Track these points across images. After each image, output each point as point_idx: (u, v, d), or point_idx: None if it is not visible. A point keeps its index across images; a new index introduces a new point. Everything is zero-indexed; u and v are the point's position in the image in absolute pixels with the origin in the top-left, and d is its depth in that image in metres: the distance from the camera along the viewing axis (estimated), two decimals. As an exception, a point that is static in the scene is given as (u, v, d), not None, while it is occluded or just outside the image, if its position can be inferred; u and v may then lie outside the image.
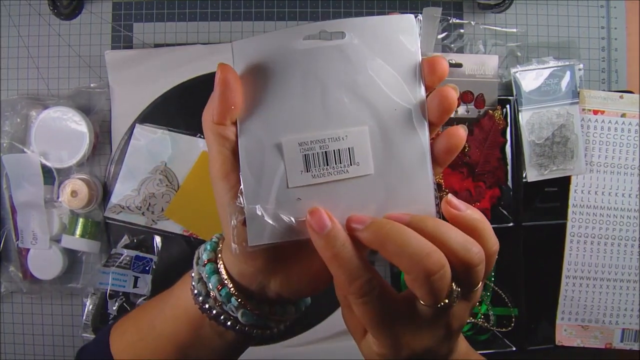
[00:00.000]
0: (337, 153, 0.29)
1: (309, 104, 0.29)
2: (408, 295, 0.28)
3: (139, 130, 0.64)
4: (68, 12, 0.66)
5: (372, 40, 0.30)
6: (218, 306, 0.33)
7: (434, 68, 0.30)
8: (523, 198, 0.63)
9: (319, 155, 0.29)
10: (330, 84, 0.30)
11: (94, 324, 0.61)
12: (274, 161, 0.29)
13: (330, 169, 0.29)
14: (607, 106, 0.64)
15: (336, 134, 0.29)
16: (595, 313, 0.64)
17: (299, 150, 0.29)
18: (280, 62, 0.29)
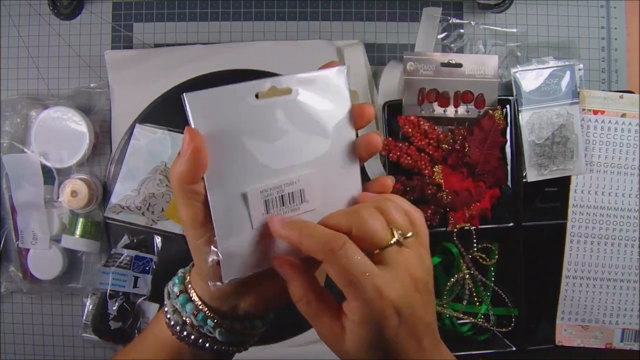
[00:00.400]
0: (291, 195, 0.34)
1: (265, 155, 0.33)
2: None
3: (139, 130, 0.64)
4: (68, 12, 0.66)
5: (314, 93, 0.34)
6: (195, 331, 0.37)
7: (362, 114, 0.36)
8: (523, 198, 0.63)
9: (276, 199, 0.34)
10: (282, 134, 0.33)
11: (94, 324, 0.61)
12: (240, 209, 0.33)
13: (285, 209, 0.35)
14: (607, 106, 0.64)
15: (290, 179, 0.34)
16: (595, 313, 0.64)
17: (261, 197, 0.33)
18: (235, 117, 0.32)
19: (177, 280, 0.39)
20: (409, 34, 0.68)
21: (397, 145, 0.61)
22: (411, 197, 0.60)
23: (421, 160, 0.61)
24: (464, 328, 0.65)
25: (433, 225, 0.61)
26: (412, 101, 0.63)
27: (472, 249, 0.63)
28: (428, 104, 0.63)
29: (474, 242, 0.63)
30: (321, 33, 0.68)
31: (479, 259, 0.63)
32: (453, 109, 0.63)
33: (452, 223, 0.62)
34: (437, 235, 0.63)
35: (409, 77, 0.62)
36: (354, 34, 0.68)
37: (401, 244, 0.33)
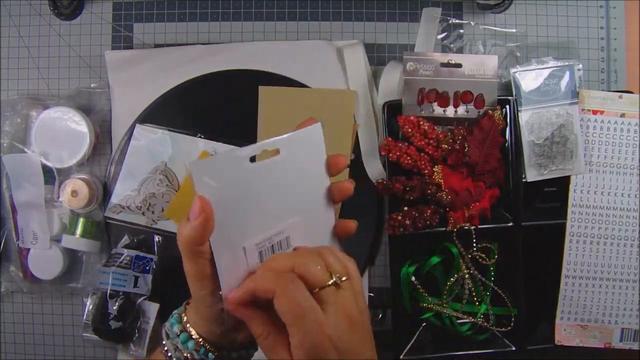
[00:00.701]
0: (279, 243, 0.39)
1: (259, 211, 0.38)
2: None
3: (139, 131, 0.64)
4: (68, 12, 0.66)
5: (297, 150, 0.39)
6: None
7: (337, 164, 0.41)
8: (523, 198, 0.64)
9: (268, 248, 0.39)
10: (273, 191, 0.38)
11: (94, 324, 0.61)
12: (240, 262, 0.38)
13: (274, 254, 0.39)
14: (607, 106, 0.64)
15: (278, 230, 0.39)
16: (594, 313, 0.65)
17: (256, 249, 0.38)
18: (234, 181, 0.36)
19: (175, 321, 0.42)
20: (408, 34, 0.68)
21: (397, 145, 0.61)
22: (411, 197, 0.60)
23: (421, 160, 0.61)
24: (464, 328, 0.65)
25: (433, 225, 0.61)
26: (412, 101, 0.63)
27: (472, 249, 0.63)
28: (428, 104, 0.63)
29: (473, 242, 0.63)
30: (321, 33, 0.68)
31: (478, 259, 0.63)
32: (453, 109, 0.63)
33: (451, 223, 0.62)
34: (437, 235, 0.63)
35: (409, 77, 0.63)
36: (354, 34, 0.68)
37: (338, 285, 0.36)
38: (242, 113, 0.65)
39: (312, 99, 0.65)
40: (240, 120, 0.65)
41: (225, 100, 0.65)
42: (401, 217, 0.60)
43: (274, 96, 0.65)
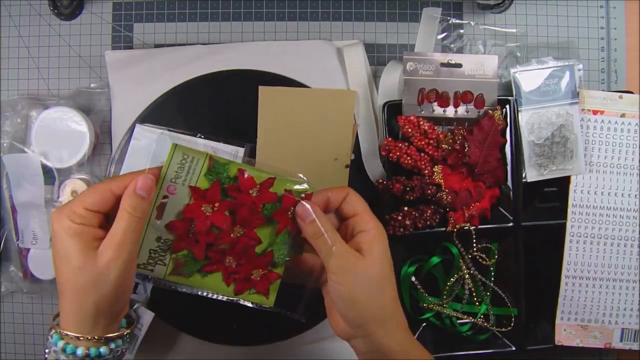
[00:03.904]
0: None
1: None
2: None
3: (139, 130, 0.64)
4: (68, 12, 0.66)
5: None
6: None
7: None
8: (523, 198, 0.64)
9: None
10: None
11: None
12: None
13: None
14: (607, 106, 0.64)
15: None
16: (594, 313, 0.65)
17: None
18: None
19: (57, 338, 0.45)
20: (409, 34, 0.68)
21: (397, 146, 0.61)
22: (411, 197, 0.60)
23: (421, 160, 0.61)
24: (464, 328, 0.65)
25: (433, 225, 0.61)
26: (412, 101, 0.63)
27: (472, 249, 0.63)
28: (428, 104, 0.63)
29: (473, 242, 0.63)
30: (321, 33, 0.68)
31: (478, 259, 0.63)
32: (453, 109, 0.63)
33: (451, 223, 0.62)
34: (437, 235, 0.63)
35: (409, 77, 0.63)
36: (354, 34, 0.68)
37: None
38: (242, 113, 0.65)
39: (312, 99, 0.65)
40: (240, 120, 0.65)
41: (225, 100, 0.65)
42: (401, 217, 0.60)
43: (274, 96, 0.65)
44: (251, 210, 0.48)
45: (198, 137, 0.64)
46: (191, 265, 0.48)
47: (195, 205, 0.47)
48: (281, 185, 0.48)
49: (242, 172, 0.48)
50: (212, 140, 0.64)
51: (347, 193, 0.48)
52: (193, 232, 0.47)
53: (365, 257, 0.45)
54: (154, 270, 0.48)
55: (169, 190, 0.47)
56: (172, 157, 0.47)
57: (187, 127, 0.65)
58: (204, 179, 0.48)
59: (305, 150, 0.64)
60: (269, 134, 0.65)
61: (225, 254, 0.48)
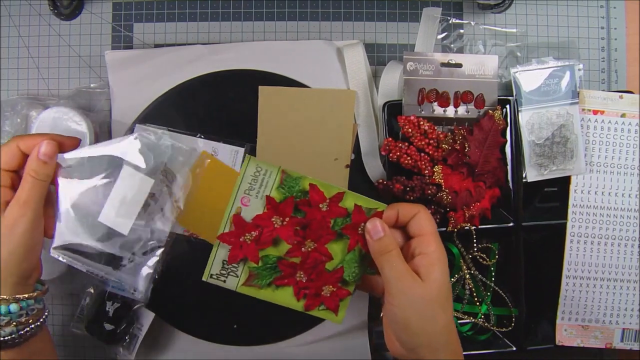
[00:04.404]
0: None
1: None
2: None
3: (139, 130, 0.64)
4: (68, 12, 0.66)
5: None
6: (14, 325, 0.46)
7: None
8: (523, 198, 0.63)
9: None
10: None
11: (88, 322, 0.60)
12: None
13: None
14: (607, 106, 0.64)
15: None
16: (595, 313, 0.65)
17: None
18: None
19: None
20: (409, 34, 0.68)
21: (397, 146, 0.61)
22: (411, 197, 0.60)
23: (421, 160, 0.61)
24: (464, 328, 0.65)
25: (433, 225, 0.61)
26: (412, 101, 0.63)
27: (472, 249, 0.63)
28: (428, 104, 0.63)
29: (474, 242, 0.63)
30: (321, 33, 0.68)
31: (479, 259, 0.63)
32: (453, 109, 0.63)
33: (452, 223, 0.62)
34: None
35: (409, 77, 0.62)
36: (354, 34, 0.68)
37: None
38: (242, 113, 0.65)
39: (312, 99, 0.65)
40: (240, 120, 0.65)
41: (225, 100, 0.65)
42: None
43: (274, 96, 0.65)
44: (321, 225, 0.47)
45: (198, 137, 0.64)
46: (263, 277, 0.48)
47: (266, 215, 0.47)
48: (351, 200, 0.48)
49: (312, 186, 0.48)
50: (212, 140, 0.64)
51: (418, 211, 0.47)
52: (251, 239, 0.47)
53: (423, 281, 0.44)
54: (226, 282, 0.48)
55: (242, 202, 0.48)
56: (247, 169, 0.48)
57: (187, 127, 0.65)
58: (276, 192, 0.48)
59: (305, 150, 0.64)
60: (269, 134, 0.65)
61: (297, 268, 0.48)
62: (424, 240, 0.46)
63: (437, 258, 0.45)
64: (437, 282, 0.44)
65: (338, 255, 0.48)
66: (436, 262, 0.45)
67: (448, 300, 0.46)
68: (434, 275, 0.44)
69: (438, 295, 0.44)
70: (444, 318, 0.45)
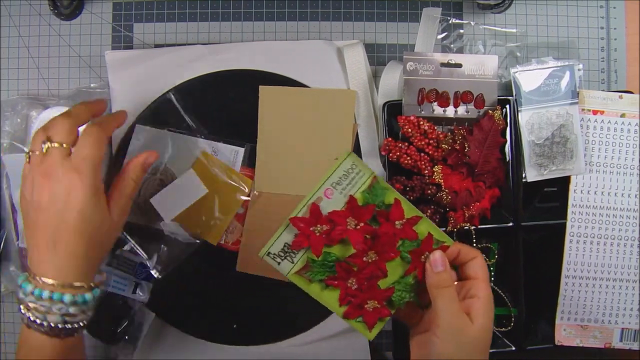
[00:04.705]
0: None
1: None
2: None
3: (139, 130, 0.64)
4: (68, 12, 0.66)
5: None
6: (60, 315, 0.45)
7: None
8: (523, 198, 0.64)
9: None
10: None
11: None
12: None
13: None
14: (607, 106, 0.64)
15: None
16: (594, 313, 0.65)
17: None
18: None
19: (25, 281, 0.46)
20: (409, 34, 0.68)
21: (397, 146, 0.61)
22: (411, 197, 0.60)
23: (421, 160, 0.61)
24: (464, 328, 0.65)
25: (433, 225, 0.62)
26: (412, 101, 0.63)
27: (472, 249, 0.63)
28: (428, 104, 0.63)
29: (473, 242, 0.63)
30: (321, 33, 0.68)
31: (478, 259, 0.63)
32: (453, 109, 0.63)
33: (451, 223, 0.62)
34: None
35: (409, 77, 0.63)
36: (354, 34, 0.68)
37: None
38: (242, 113, 0.65)
39: (312, 99, 0.65)
40: (240, 120, 0.65)
41: (225, 100, 0.65)
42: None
43: (274, 96, 0.65)
44: (390, 241, 0.47)
45: (198, 137, 0.64)
46: (317, 272, 0.48)
47: (343, 213, 0.47)
48: (424, 227, 0.48)
49: (397, 202, 0.48)
50: (212, 140, 0.64)
51: (476, 256, 0.48)
52: (321, 231, 0.47)
53: (473, 323, 0.45)
54: (280, 264, 0.48)
55: (325, 194, 0.47)
56: (342, 163, 0.47)
57: (187, 127, 0.65)
58: (360, 194, 0.48)
59: (306, 150, 0.64)
60: (269, 134, 0.65)
61: (351, 275, 0.48)
62: (478, 284, 0.47)
63: (488, 305, 0.46)
64: (485, 328, 0.45)
65: (393, 275, 0.48)
66: (488, 308, 0.46)
67: (489, 347, 0.46)
68: (483, 319, 0.45)
69: (485, 341, 0.45)
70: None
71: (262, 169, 0.64)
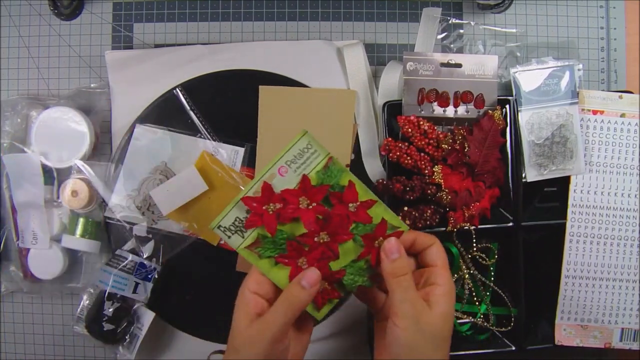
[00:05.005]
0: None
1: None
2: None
3: (139, 130, 0.64)
4: (68, 12, 0.66)
5: None
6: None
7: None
8: (523, 198, 0.64)
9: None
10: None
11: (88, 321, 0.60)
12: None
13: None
14: (607, 106, 0.64)
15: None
16: (594, 313, 0.65)
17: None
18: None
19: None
20: (409, 34, 0.68)
21: (397, 146, 0.61)
22: (411, 197, 0.60)
23: (421, 160, 0.61)
24: (464, 327, 0.65)
25: (433, 225, 0.62)
26: (412, 101, 0.63)
27: (472, 249, 0.63)
28: (428, 104, 0.63)
29: (473, 241, 0.63)
30: (321, 33, 0.68)
31: (478, 259, 0.63)
32: (453, 109, 0.63)
33: (451, 223, 0.62)
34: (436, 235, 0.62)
35: (409, 77, 0.63)
36: (354, 34, 0.68)
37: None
38: (242, 113, 0.65)
39: (312, 99, 0.65)
40: (240, 120, 0.65)
41: (225, 100, 0.65)
42: (401, 217, 0.60)
43: (274, 96, 0.65)
44: (342, 223, 0.47)
45: (198, 137, 0.64)
46: (267, 249, 0.48)
47: (295, 192, 0.47)
48: (379, 212, 0.48)
49: (351, 184, 0.48)
50: (212, 140, 0.64)
51: (434, 243, 0.48)
52: (274, 210, 0.47)
53: (432, 310, 0.44)
54: (231, 238, 0.48)
55: (280, 171, 0.47)
56: (297, 142, 0.47)
57: (187, 127, 0.65)
58: (315, 174, 0.48)
59: (305, 150, 0.64)
60: (269, 134, 0.65)
61: (302, 254, 0.47)
62: (436, 271, 0.46)
63: (448, 291, 0.46)
64: (445, 314, 0.45)
65: (345, 257, 0.48)
66: (448, 294, 0.45)
67: (450, 335, 0.46)
68: (443, 306, 0.45)
69: (444, 326, 0.45)
70: (445, 350, 0.45)
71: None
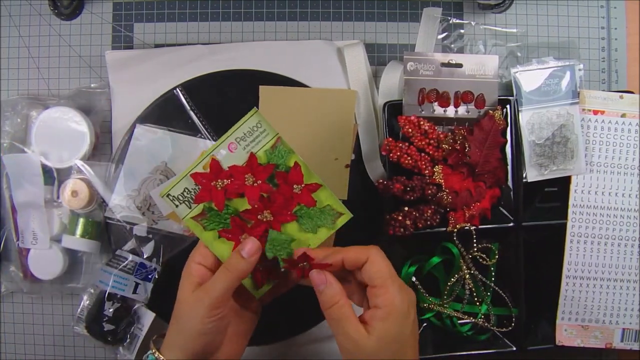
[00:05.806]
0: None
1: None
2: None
3: (139, 130, 0.64)
4: (68, 12, 0.66)
5: None
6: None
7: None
8: (523, 198, 0.63)
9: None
10: None
11: (88, 322, 0.60)
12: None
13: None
14: (607, 106, 0.64)
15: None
16: (595, 313, 0.65)
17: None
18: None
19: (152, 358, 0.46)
20: (409, 34, 0.68)
21: (398, 146, 0.61)
22: (411, 197, 0.60)
23: (421, 160, 0.61)
24: (464, 328, 0.65)
25: (433, 225, 0.61)
26: (413, 101, 0.63)
27: (472, 249, 0.63)
28: (428, 104, 0.63)
29: (474, 242, 0.63)
30: (321, 33, 0.68)
31: (479, 259, 0.63)
32: (453, 109, 0.63)
33: (452, 223, 0.62)
34: (437, 235, 0.63)
35: (409, 77, 0.62)
36: (354, 34, 0.68)
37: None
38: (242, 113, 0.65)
39: (312, 99, 0.65)
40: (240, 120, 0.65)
41: (225, 100, 0.65)
42: (401, 217, 0.60)
43: (274, 96, 0.65)
44: (286, 204, 0.48)
45: (198, 137, 0.64)
46: (213, 222, 0.49)
47: (242, 169, 0.48)
48: (324, 198, 0.49)
49: (296, 165, 0.49)
50: (212, 140, 0.64)
51: (367, 257, 0.44)
52: (222, 186, 0.48)
53: (370, 336, 0.42)
54: (178, 207, 0.49)
55: (229, 147, 0.49)
56: (248, 120, 0.49)
57: (188, 127, 0.65)
58: (263, 153, 0.49)
59: (306, 150, 0.64)
60: (269, 134, 0.65)
61: (245, 230, 0.48)
62: (374, 292, 0.43)
63: (387, 313, 0.42)
64: (382, 338, 0.42)
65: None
66: (386, 316, 0.42)
67: (398, 353, 0.43)
68: (379, 331, 0.42)
69: (384, 350, 0.42)
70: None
71: (262, 169, 0.64)
